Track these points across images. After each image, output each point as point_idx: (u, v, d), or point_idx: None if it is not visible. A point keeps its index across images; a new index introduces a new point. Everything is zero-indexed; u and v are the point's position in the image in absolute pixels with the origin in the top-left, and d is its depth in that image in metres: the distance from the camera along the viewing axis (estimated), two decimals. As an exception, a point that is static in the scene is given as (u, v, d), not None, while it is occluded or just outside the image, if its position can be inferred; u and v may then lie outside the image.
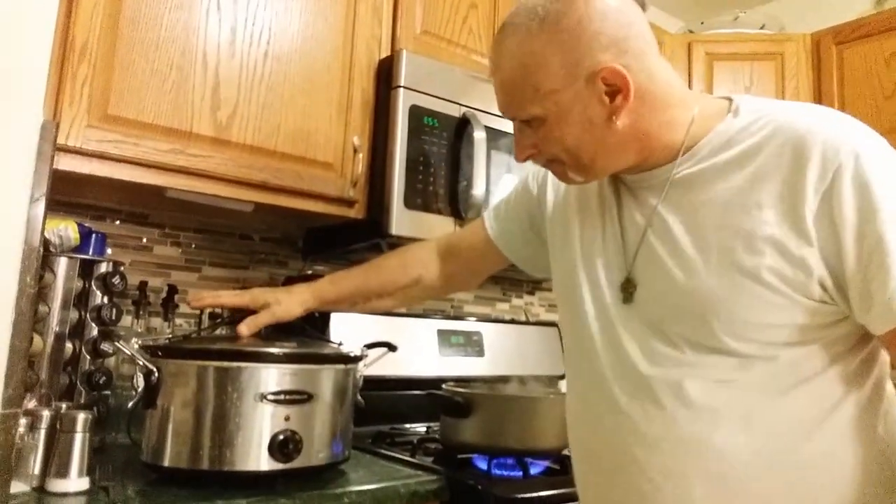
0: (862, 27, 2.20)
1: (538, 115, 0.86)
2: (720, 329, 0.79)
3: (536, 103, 0.85)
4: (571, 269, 0.98)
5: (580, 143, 0.86)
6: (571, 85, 0.83)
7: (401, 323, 1.91)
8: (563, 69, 0.82)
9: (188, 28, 1.36)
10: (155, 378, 1.18)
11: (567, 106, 0.84)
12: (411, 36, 1.70)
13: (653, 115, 0.85)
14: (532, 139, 0.89)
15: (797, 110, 0.83)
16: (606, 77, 0.81)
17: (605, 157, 0.87)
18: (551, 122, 0.85)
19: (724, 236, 0.80)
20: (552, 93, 0.84)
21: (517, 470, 1.35)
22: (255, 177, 1.43)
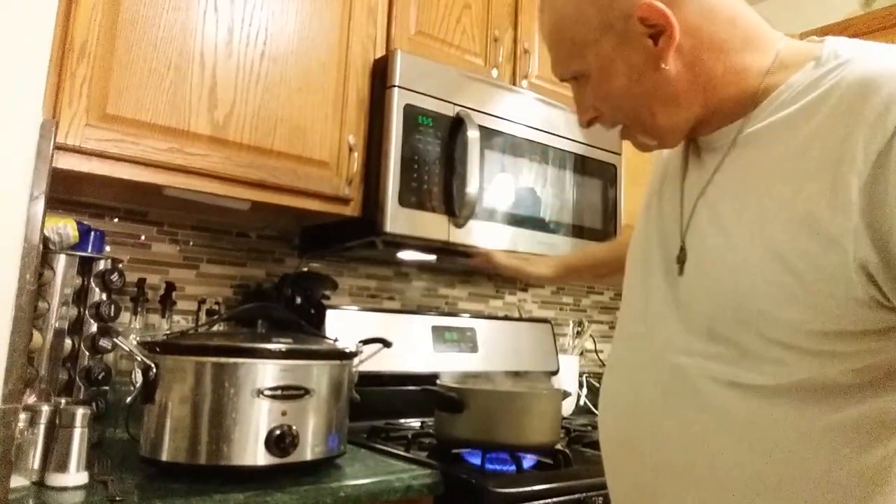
0: (849, 28, 2.22)
1: (581, 71, 0.80)
2: (744, 320, 0.68)
3: (576, 57, 0.79)
4: (634, 243, 0.90)
5: (632, 97, 0.77)
6: (608, 31, 0.75)
7: (395, 319, 1.92)
8: (598, 16, 0.75)
9: (186, 29, 1.37)
10: (153, 374, 1.19)
11: (609, 56, 0.76)
12: (406, 36, 1.72)
13: (714, 57, 0.74)
14: (590, 100, 0.82)
15: (886, 52, 0.67)
16: (643, 16, 0.72)
17: (664, 110, 0.77)
18: (596, 76, 0.79)
19: (761, 210, 0.69)
20: (589, 44, 0.77)
21: (510, 464, 1.37)
22: (251, 175, 1.44)
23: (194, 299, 1.71)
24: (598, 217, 1.99)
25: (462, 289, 2.28)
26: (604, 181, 2.02)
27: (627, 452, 0.81)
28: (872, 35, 2.17)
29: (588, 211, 1.96)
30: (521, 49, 1.95)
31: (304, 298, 1.78)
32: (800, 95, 0.70)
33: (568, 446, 1.55)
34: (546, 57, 2.03)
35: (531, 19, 1.99)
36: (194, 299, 1.71)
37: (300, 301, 1.77)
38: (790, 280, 0.64)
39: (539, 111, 1.87)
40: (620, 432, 0.83)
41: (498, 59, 1.90)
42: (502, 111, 1.78)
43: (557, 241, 1.86)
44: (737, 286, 0.69)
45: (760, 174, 0.71)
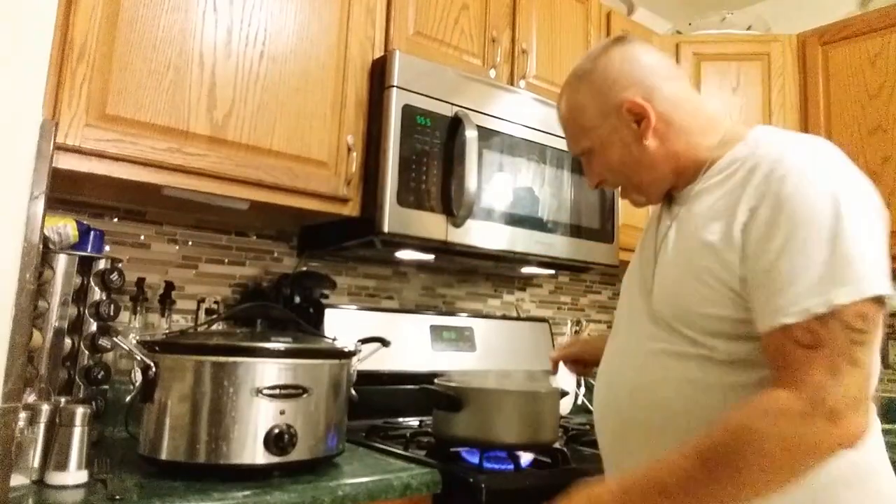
0: (847, 28, 2.23)
1: (588, 147, 1.08)
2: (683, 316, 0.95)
3: (584, 138, 1.07)
4: (629, 270, 1.18)
5: (624, 164, 1.05)
6: (606, 119, 1.04)
7: (394, 318, 1.93)
8: (598, 109, 1.04)
9: (185, 29, 1.37)
10: (152, 373, 1.19)
11: (607, 136, 1.04)
12: (404, 36, 1.72)
13: (679, 137, 1.03)
14: (596, 168, 1.09)
15: (787, 141, 0.95)
16: (629, 108, 1.01)
17: (647, 174, 1.05)
18: (598, 151, 1.06)
19: (688, 243, 0.97)
20: (594, 128, 1.05)
21: (508, 463, 1.37)
22: (250, 175, 1.44)
23: (193, 299, 1.72)
24: (596, 216, 2.00)
25: (460, 288, 2.29)
26: (601, 181, 2.02)
27: (613, 414, 1.05)
28: (869, 35, 2.18)
29: (585, 210, 1.97)
30: (518, 49, 1.96)
31: (303, 298, 1.79)
32: (725, 167, 0.98)
33: (566, 445, 1.56)
34: (543, 57, 2.04)
35: (528, 20, 2.00)
36: (193, 299, 1.72)
37: (299, 300, 1.78)
38: (705, 289, 0.92)
39: (537, 111, 1.87)
40: (609, 399, 1.07)
41: (496, 60, 1.90)
42: (500, 111, 1.78)
43: (555, 240, 1.87)
44: (679, 294, 0.97)
45: (694, 220, 0.98)
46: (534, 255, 1.83)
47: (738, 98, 2.36)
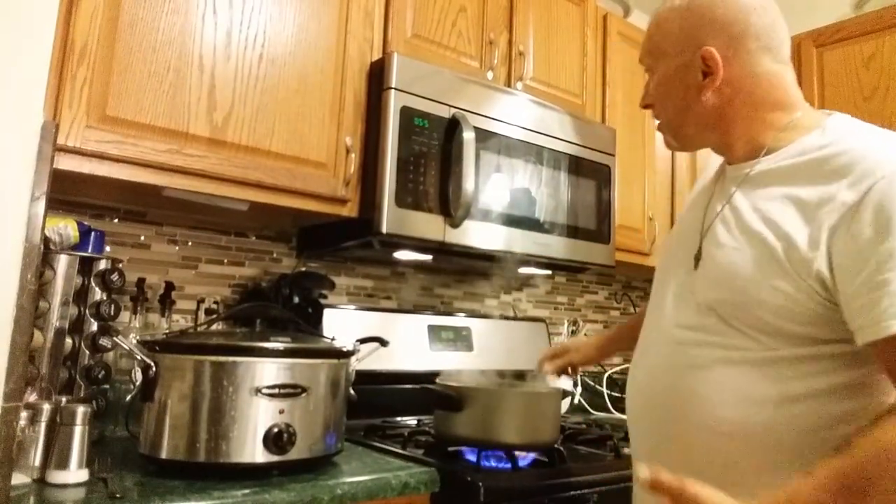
0: (841, 30, 2.25)
1: (651, 66, 1.07)
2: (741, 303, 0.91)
3: (653, 57, 1.06)
4: (671, 241, 1.14)
5: (675, 103, 1.03)
6: (681, 54, 1.01)
7: (392, 319, 1.94)
8: (680, 39, 1.02)
9: (185, 32, 1.38)
10: (153, 372, 1.20)
11: (674, 69, 1.02)
12: (402, 39, 1.73)
13: (743, 107, 0.99)
14: (650, 89, 1.08)
15: (879, 137, 0.91)
16: (704, 56, 0.98)
17: (691, 125, 1.03)
18: (660, 76, 1.05)
19: (752, 228, 0.93)
20: (666, 54, 1.04)
21: (506, 462, 1.38)
22: (250, 176, 1.45)
23: (193, 299, 1.73)
24: (592, 217, 2.01)
25: (458, 288, 2.29)
26: (598, 182, 2.04)
27: (645, 401, 1.04)
28: (863, 37, 2.19)
29: (582, 211, 1.98)
30: (515, 51, 1.97)
31: (302, 298, 1.80)
32: (804, 153, 0.93)
33: (563, 444, 1.56)
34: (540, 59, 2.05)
35: (525, 22, 2.01)
36: (193, 299, 1.73)
37: (298, 300, 1.79)
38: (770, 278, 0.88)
39: (534, 113, 1.88)
40: (641, 384, 1.06)
41: (493, 62, 1.91)
42: (497, 113, 1.79)
43: (552, 241, 1.88)
44: (736, 279, 0.92)
45: (760, 204, 0.94)
46: (531, 256, 1.84)
47: (734, 99, 2.37)
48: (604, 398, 2.44)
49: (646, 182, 2.35)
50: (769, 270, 0.88)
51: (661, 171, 2.41)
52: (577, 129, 1.99)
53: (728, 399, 0.91)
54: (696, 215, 1.07)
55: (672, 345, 1.00)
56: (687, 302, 1.00)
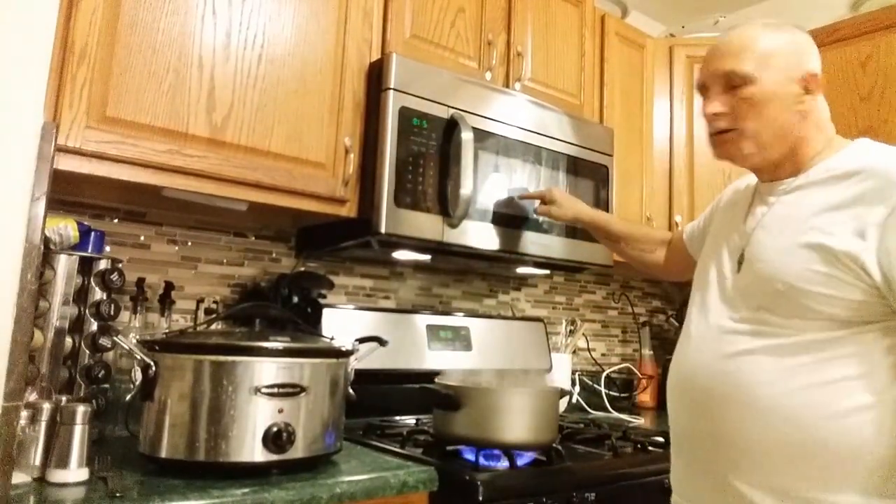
0: (837, 31, 2.25)
1: (749, 76, 1.10)
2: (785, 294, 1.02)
3: (755, 66, 1.10)
4: (711, 250, 1.25)
5: (768, 119, 1.09)
6: (785, 73, 1.09)
7: (391, 318, 1.94)
8: (787, 60, 1.10)
9: (184, 32, 1.39)
10: (152, 372, 1.21)
11: (776, 86, 1.09)
12: (401, 39, 1.74)
13: (810, 125, 1.11)
14: (730, 101, 1.12)
15: (883, 154, 1.05)
16: (811, 77, 1.10)
17: (771, 136, 1.10)
18: (756, 89, 1.09)
19: (805, 229, 1.04)
20: (772, 69, 1.09)
21: (504, 461, 1.38)
22: (249, 176, 1.46)
23: (193, 298, 1.73)
24: (591, 217, 2.01)
25: (456, 288, 2.30)
26: (595, 182, 2.04)
27: (689, 388, 1.14)
28: (860, 38, 2.20)
29: (581, 211, 1.98)
30: (514, 52, 1.98)
31: (301, 298, 1.80)
32: (835, 167, 1.06)
33: (561, 443, 1.57)
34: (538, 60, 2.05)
35: (524, 23, 2.02)
36: (193, 298, 1.73)
37: (297, 300, 1.79)
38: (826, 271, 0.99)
39: (532, 113, 1.89)
40: (686, 370, 1.16)
41: (491, 62, 1.92)
42: (496, 113, 1.80)
43: (550, 241, 1.89)
44: (788, 273, 1.02)
45: (803, 210, 1.06)
46: (529, 256, 1.84)
47: (731, 100, 2.38)
48: (602, 397, 2.44)
49: (643, 182, 2.36)
50: (817, 264, 0.99)
51: (658, 172, 2.41)
52: (575, 130, 1.99)
53: (768, 379, 1.02)
54: (734, 227, 1.20)
55: (720, 336, 1.10)
56: (733, 300, 1.11)
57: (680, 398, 1.17)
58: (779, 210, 1.11)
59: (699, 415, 1.11)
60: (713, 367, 1.09)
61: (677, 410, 1.18)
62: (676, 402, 1.18)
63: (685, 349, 1.18)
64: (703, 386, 1.10)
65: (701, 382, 1.11)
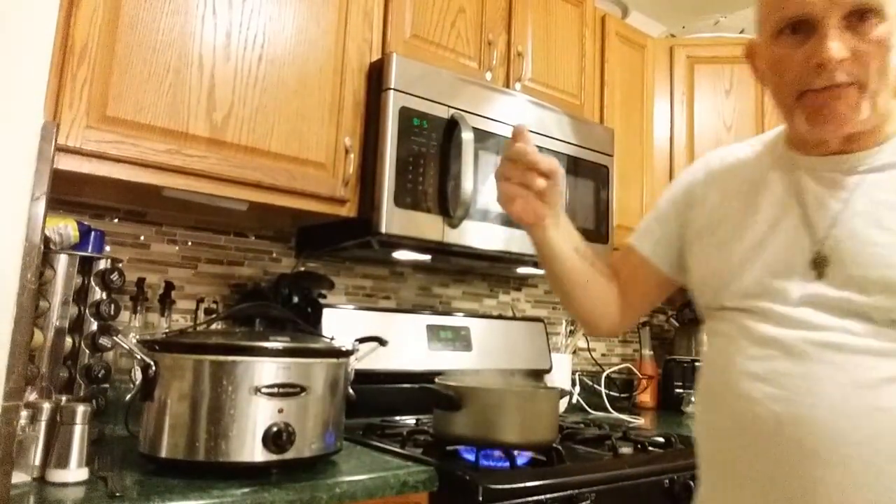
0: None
1: (883, 6, 0.81)
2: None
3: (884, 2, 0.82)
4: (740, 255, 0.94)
5: (885, 63, 0.82)
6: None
7: (391, 318, 1.94)
8: None
9: (185, 32, 1.39)
10: (152, 371, 1.20)
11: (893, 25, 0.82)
12: (401, 40, 1.74)
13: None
14: (854, 44, 0.82)
15: None
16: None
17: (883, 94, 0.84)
18: (887, 26, 0.82)
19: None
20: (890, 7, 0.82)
21: (504, 461, 1.38)
22: (249, 176, 1.46)
23: (193, 298, 1.73)
24: (591, 217, 2.01)
25: (456, 288, 2.30)
26: (596, 182, 2.04)
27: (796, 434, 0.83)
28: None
29: (581, 211, 1.98)
30: (514, 52, 1.98)
31: (301, 298, 1.80)
32: None
33: (561, 443, 1.57)
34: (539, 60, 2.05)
35: (524, 23, 2.02)
36: (193, 298, 1.73)
37: (297, 300, 1.79)
38: None
39: (532, 113, 1.89)
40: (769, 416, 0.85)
41: (492, 63, 1.92)
42: (496, 113, 1.80)
43: (551, 241, 1.88)
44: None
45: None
46: (529, 256, 1.84)
47: (731, 101, 2.39)
48: (602, 398, 2.44)
49: (644, 182, 2.36)
50: None
51: (658, 171, 2.42)
52: (575, 130, 1.99)
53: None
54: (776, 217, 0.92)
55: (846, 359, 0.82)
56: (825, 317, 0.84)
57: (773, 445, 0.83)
58: (876, 194, 0.85)
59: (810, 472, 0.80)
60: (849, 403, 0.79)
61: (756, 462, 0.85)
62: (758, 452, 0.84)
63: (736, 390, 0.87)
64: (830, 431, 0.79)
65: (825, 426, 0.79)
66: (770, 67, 0.90)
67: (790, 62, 0.85)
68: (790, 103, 0.88)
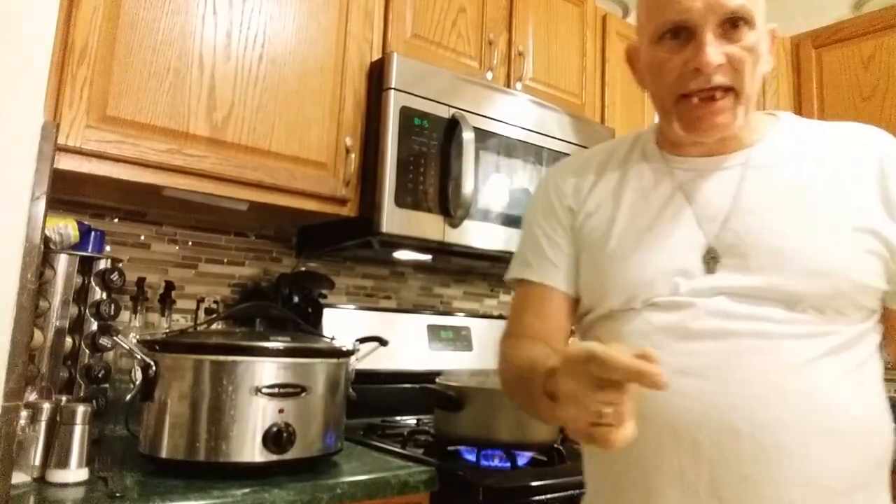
0: (840, 31, 2.25)
1: (749, 16, 0.85)
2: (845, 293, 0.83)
3: (754, 10, 0.86)
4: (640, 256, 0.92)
5: (755, 71, 0.87)
6: (762, 25, 0.88)
7: (391, 318, 1.94)
8: (763, 12, 0.88)
9: (185, 32, 1.39)
10: (152, 372, 1.20)
11: (760, 35, 0.87)
12: (402, 39, 1.73)
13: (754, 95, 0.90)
14: (730, 50, 0.85)
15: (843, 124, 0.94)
16: (774, 33, 0.91)
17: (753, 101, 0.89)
18: (756, 34, 0.86)
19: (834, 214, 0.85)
20: (756, 20, 0.86)
21: (505, 461, 1.38)
22: (249, 176, 1.45)
23: (193, 298, 1.73)
24: (592, 217, 2.01)
25: (457, 288, 2.30)
26: (598, 182, 2.04)
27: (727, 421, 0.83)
28: (862, 38, 2.19)
29: (582, 211, 1.98)
30: (515, 52, 1.97)
31: (302, 297, 1.80)
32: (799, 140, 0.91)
33: (562, 443, 1.56)
34: (539, 59, 2.04)
35: (525, 23, 2.01)
36: (193, 298, 1.73)
37: (297, 300, 1.79)
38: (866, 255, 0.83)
39: (533, 113, 1.89)
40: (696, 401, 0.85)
41: (493, 62, 1.91)
42: (497, 113, 1.80)
43: (552, 241, 1.88)
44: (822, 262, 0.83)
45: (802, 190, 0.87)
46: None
47: (732, 100, 2.38)
48: (603, 398, 2.43)
49: (645, 182, 2.35)
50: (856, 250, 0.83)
51: (660, 172, 2.41)
52: (576, 129, 1.99)
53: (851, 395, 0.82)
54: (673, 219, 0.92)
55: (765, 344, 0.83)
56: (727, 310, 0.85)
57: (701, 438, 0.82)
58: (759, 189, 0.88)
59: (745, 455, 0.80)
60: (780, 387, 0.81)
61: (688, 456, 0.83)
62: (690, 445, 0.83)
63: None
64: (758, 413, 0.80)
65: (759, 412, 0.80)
66: (650, 71, 0.92)
67: (669, 66, 0.88)
68: (668, 107, 0.90)
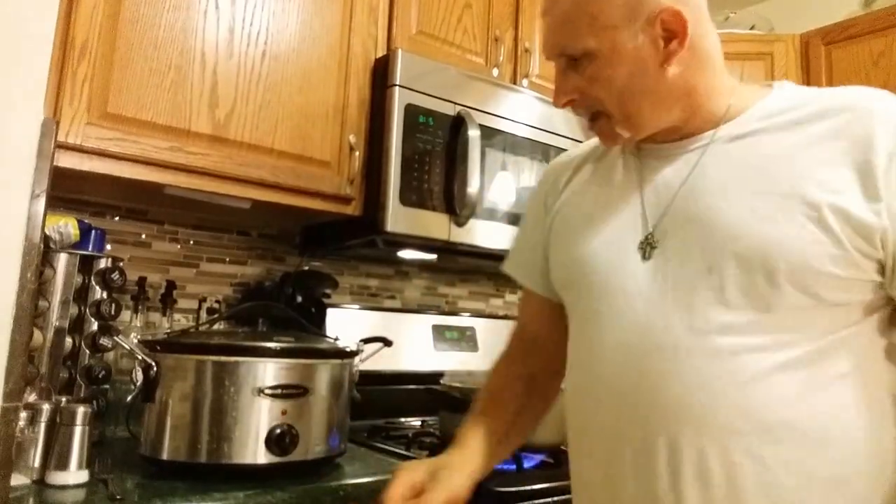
0: (850, 28, 2.23)
1: (591, 50, 0.82)
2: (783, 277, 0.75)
3: (592, 36, 0.82)
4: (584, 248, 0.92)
5: (629, 87, 0.83)
6: (630, 24, 0.81)
7: (396, 318, 1.93)
8: (626, 6, 0.81)
9: (186, 28, 1.37)
10: (153, 372, 1.20)
11: (622, 45, 0.81)
12: (407, 35, 1.72)
13: (702, 72, 0.84)
14: (577, 82, 0.86)
15: (839, 89, 0.84)
16: (666, 19, 0.80)
17: (651, 107, 0.84)
18: (603, 59, 0.82)
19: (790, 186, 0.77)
20: (610, 28, 0.81)
21: (511, 463, 1.37)
22: (252, 174, 1.44)
23: (195, 298, 1.72)
24: (599, 216, 1.99)
25: (462, 287, 2.28)
26: (604, 181, 2.02)
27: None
28: (872, 35, 2.17)
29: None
30: (521, 48, 1.96)
31: (305, 297, 1.79)
32: (782, 111, 0.82)
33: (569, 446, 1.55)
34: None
35: (532, 19, 2.00)
36: (195, 298, 1.72)
37: (301, 300, 1.78)
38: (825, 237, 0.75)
39: (539, 110, 1.87)
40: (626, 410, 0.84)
41: (499, 59, 1.90)
42: (503, 110, 1.78)
43: (558, 240, 1.87)
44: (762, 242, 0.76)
45: (764, 162, 0.80)
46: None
47: (740, 98, 2.37)
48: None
49: (652, 181, 2.34)
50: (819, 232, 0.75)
51: (667, 170, 2.40)
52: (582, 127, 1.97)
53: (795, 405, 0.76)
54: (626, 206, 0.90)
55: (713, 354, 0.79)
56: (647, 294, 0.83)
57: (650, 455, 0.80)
58: (713, 171, 0.83)
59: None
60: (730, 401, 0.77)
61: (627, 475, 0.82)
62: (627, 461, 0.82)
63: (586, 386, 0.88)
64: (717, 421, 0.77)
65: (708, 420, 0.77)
66: None
67: None
68: None
